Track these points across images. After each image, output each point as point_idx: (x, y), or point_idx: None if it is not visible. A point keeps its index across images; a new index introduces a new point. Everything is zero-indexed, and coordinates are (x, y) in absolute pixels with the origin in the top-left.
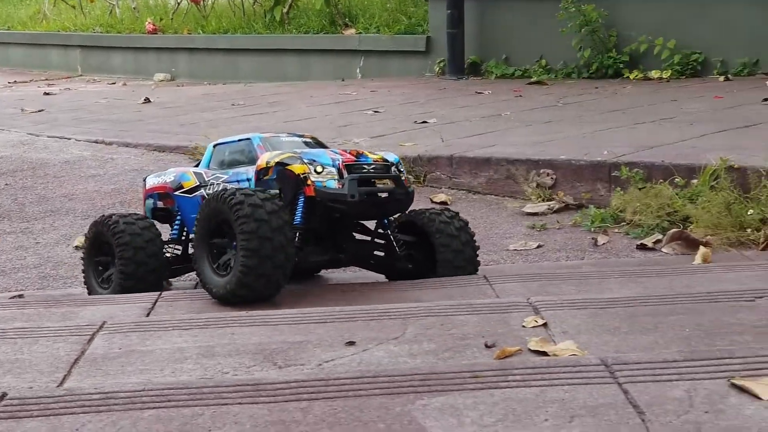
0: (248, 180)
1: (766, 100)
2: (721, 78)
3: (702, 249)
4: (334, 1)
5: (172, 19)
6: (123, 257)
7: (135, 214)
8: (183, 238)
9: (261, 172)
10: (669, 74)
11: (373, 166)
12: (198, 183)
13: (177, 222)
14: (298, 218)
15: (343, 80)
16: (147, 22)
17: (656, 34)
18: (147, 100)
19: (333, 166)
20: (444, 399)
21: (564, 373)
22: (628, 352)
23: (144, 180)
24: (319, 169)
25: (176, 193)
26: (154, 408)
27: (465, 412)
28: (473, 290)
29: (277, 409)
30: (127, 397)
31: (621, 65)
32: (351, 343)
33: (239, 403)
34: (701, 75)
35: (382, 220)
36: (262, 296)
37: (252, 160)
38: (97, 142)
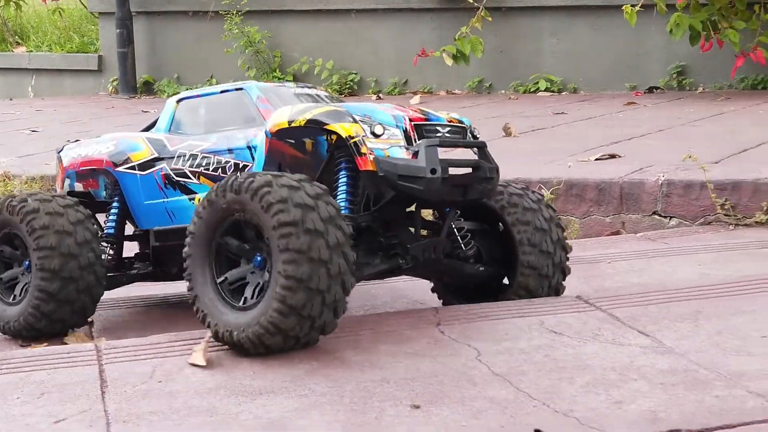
0: (250, 149)
1: None
2: (374, 96)
3: None
4: (4, 18)
5: None
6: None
7: (60, 196)
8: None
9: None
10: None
11: (448, 129)
12: (155, 155)
13: (114, 211)
14: (342, 206)
15: (11, 99)
16: None
17: (316, 55)
18: None
19: (397, 126)
20: None
21: (57, 358)
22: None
23: (59, 153)
24: (378, 130)
25: (119, 169)
26: None
27: None
28: None
29: None
30: None
31: None
32: None
33: None
34: (358, 93)
35: (457, 207)
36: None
37: (249, 120)
38: None
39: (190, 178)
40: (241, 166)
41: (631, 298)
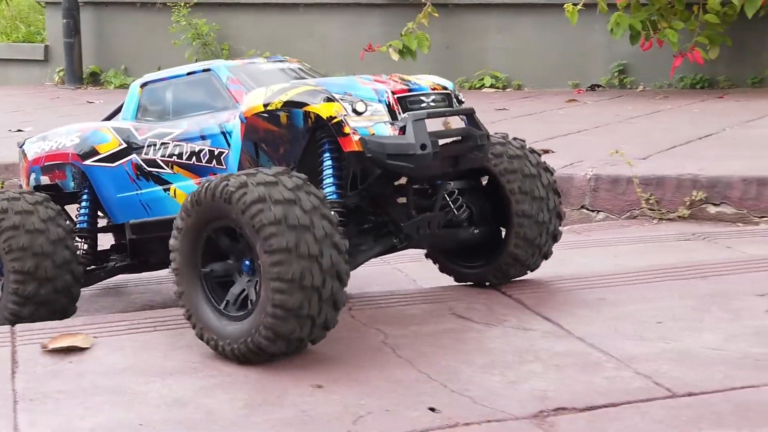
0: (225, 134)
1: None
2: None
3: None
4: None
5: None
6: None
7: (28, 193)
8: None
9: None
10: None
11: (432, 98)
12: (123, 145)
13: (85, 204)
14: (330, 191)
15: None
16: None
17: (264, 48)
18: None
19: (380, 101)
20: None
21: None
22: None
23: (21, 147)
24: (360, 107)
25: (86, 162)
26: None
27: None
28: None
29: None
30: None
31: None
32: None
33: None
34: None
35: (449, 179)
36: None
37: (221, 103)
38: None
39: (162, 167)
40: (216, 153)
41: (541, 286)
